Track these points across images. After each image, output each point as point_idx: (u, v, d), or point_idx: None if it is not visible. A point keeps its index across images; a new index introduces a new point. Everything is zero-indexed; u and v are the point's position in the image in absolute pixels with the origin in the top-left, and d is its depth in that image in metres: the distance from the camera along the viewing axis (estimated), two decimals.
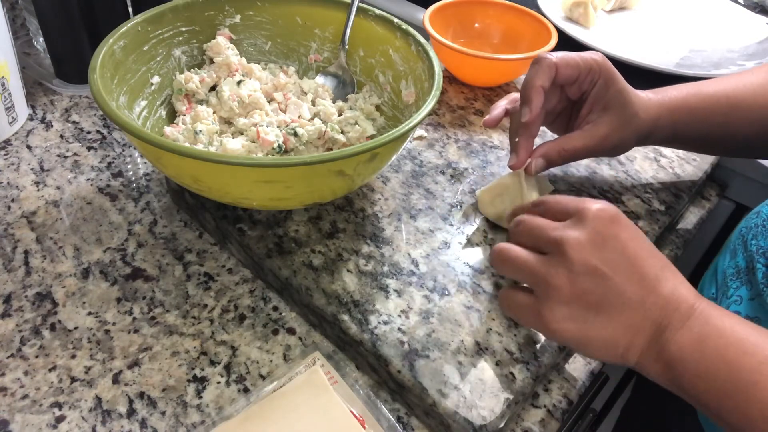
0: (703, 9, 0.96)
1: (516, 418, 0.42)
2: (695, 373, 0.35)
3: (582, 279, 0.36)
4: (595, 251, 0.37)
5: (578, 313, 0.37)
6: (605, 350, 0.37)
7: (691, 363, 0.35)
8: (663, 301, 0.36)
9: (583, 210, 0.38)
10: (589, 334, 0.37)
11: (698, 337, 0.35)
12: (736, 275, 0.51)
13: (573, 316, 0.37)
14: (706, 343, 0.35)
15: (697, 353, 0.35)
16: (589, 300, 0.37)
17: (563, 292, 0.37)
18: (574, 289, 0.37)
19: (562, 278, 0.37)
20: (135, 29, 0.51)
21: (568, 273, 0.37)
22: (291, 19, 0.60)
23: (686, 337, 0.35)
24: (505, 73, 0.69)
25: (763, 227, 0.50)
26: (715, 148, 0.57)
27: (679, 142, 0.56)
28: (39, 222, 0.52)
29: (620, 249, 0.37)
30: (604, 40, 0.82)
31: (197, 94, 0.55)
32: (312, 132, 0.51)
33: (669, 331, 0.36)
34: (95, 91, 0.43)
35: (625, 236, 0.37)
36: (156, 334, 0.45)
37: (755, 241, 0.50)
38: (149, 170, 0.58)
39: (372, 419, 0.40)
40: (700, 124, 0.53)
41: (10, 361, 0.42)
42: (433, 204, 0.53)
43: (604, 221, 0.38)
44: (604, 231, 0.37)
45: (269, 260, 0.46)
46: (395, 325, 0.43)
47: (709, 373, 0.34)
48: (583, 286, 0.36)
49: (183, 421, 0.40)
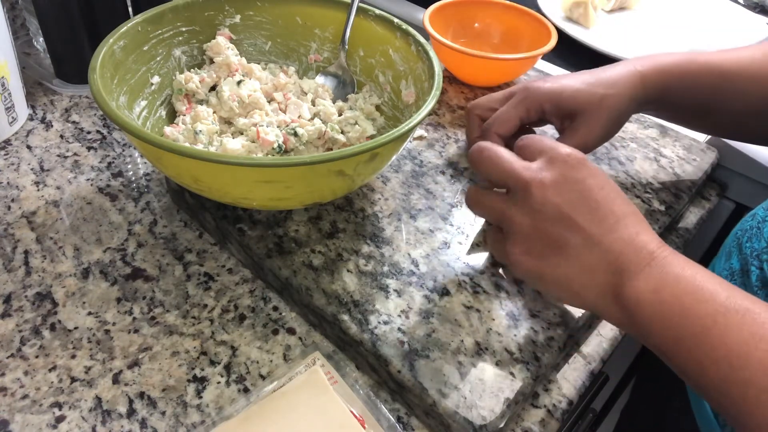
0: (703, 9, 0.96)
1: (516, 418, 0.42)
2: (651, 319, 0.35)
3: (544, 218, 0.38)
4: (560, 192, 0.38)
5: (537, 249, 0.39)
6: (560, 288, 0.39)
7: (647, 308, 0.35)
8: (621, 243, 0.37)
9: (551, 152, 0.39)
10: (546, 270, 0.39)
11: (656, 284, 0.35)
12: (730, 277, 0.51)
13: (532, 252, 0.39)
14: (663, 289, 0.35)
15: (653, 299, 0.35)
16: (550, 238, 0.38)
17: (525, 229, 0.39)
18: (536, 227, 0.38)
19: (525, 217, 0.39)
20: (135, 29, 0.51)
21: (531, 212, 0.38)
22: (291, 19, 0.60)
23: (643, 282, 0.36)
24: (505, 73, 0.69)
25: (758, 229, 0.50)
26: (704, 119, 0.56)
27: (669, 110, 0.56)
28: (39, 222, 0.52)
29: (585, 192, 0.38)
30: (604, 40, 0.82)
31: (197, 94, 0.55)
32: (312, 132, 0.51)
33: (626, 275, 0.36)
34: (95, 91, 0.43)
35: (591, 181, 0.38)
36: (156, 334, 0.45)
37: (749, 244, 0.50)
38: (149, 170, 0.58)
39: (372, 419, 0.40)
40: (690, 91, 0.53)
41: (10, 361, 0.42)
42: (433, 204, 0.53)
43: (571, 164, 0.39)
44: (571, 174, 0.38)
45: (269, 260, 0.46)
46: (395, 325, 0.43)
47: (664, 318, 0.35)
48: (545, 224, 0.38)
49: (183, 421, 0.40)
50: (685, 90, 0.53)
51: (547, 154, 0.39)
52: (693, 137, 0.66)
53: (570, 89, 0.51)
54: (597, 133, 0.51)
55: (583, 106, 0.51)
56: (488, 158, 0.41)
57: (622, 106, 0.51)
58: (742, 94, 0.52)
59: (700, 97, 0.53)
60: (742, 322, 0.33)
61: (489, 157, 0.41)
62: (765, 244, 0.48)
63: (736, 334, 0.33)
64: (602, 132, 0.51)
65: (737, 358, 0.32)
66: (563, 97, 0.51)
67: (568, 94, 0.51)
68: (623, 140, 0.64)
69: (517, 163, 0.40)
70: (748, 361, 0.32)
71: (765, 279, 0.47)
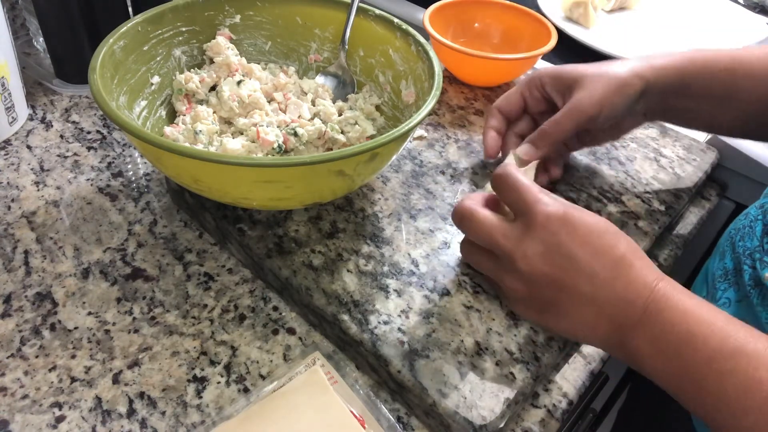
0: (703, 9, 0.96)
1: (516, 418, 0.42)
2: (654, 368, 0.36)
3: (535, 285, 0.39)
4: (545, 260, 0.38)
5: (536, 306, 0.40)
6: (566, 335, 0.41)
7: (648, 360, 0.36)
8: (615, 296, 0.37)
9: (532, 215, 0.39)
10: (549, 323, 0.40)
11: (652, 335, 0.36)
12: (724, 277, 0.51)
13: (531, 307, 0.41)
14: (659, 340, 0.36)
15: (652, 351, 0.36)
16: (545, 300, 0.39)
17: (519, 294, 0.40)
18: (529, 291, 0.40)
19: (516, 283, 0.40)
20: (135, 29, 0.51)
21: (521, 278, 0.39)
22: (291, 19, 0.60)
23: (641, 336, 0.36)
24: (505, 73, 0.69)
25: (750, 228, 0.50)
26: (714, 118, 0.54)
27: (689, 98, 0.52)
28: (39, 222, 0.52)
29: (570, 253, 0.38)
30: (604, 40, 0.82)
31: (197, 94, 0.55)
32: (312, 132, 0.51)
33: (625, 328, 0.37)
34: (95, 91, 0.43)
35: (575, 240, 0.38)
36: (156, 334, 0.45)
37: (742, 243, 0.50)
38: (149, 170, 0.58)
39: (372, 419, 0.40)
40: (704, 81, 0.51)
41: (10, 361, 0.42)
42: (433, 204, 0.53)
43: (553, 228, 0.38)
44: (553, 239, 0.38)
45: (269, 260, 0.46)
46: (395, 325, 0.43)
47: (665, 367, 0.36)
48: (537, 289, 0.39)
49: (183, 421, 0.40)
50: (704, 73, 0.50)
51: (528, 213, 0.39)
52: (693, 137, 0.66)
53: (571, 65, 0.51)
54: (593, 95, 0.48)
55: (582, 75, 0.49)
56: (472, 224, 0.41)
57: (625, 75, 0.49)
58: (754, 85, 0.50)
59: (709, 89, 0.51)
60: (735, 368, 0.33)
61: (473, 223, 0.41)
62: (757, 243, 0.48)
63: (732, 381, 0.33)
64: (599, 95, 0.48)
65: (737, 406, 0.33)
66: (564, 70, 0.51)
67: (568, 68, 0.51)
68: (623, 140, 0.64)
69: (498, 230, 0.40)
70: (749, 407, 0.32)
71: (757, 278, 0.47)
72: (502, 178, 0.42)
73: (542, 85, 0.52)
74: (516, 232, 0.39)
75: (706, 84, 0.51)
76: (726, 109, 0.52)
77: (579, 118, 0.48)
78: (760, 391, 0.32)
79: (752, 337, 0.34)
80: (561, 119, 0.49)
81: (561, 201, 0.40)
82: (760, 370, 0.32)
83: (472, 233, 0.42)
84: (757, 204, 0.51)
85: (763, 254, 0.47)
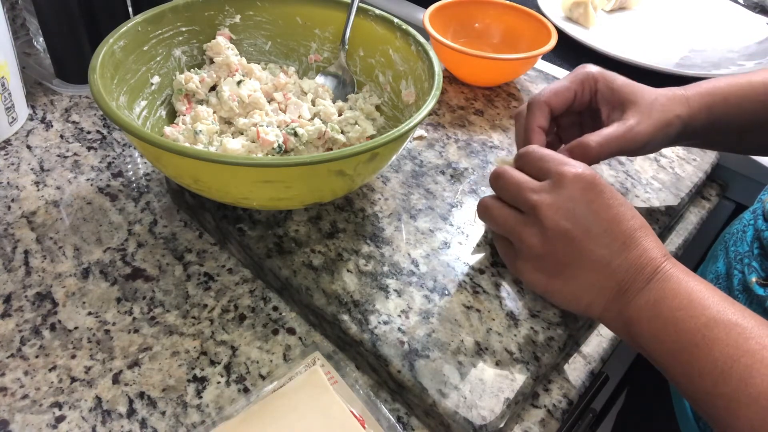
0: (703, 9, 0.96)
1: (516, 418, 0.42)
2: (649, 333, 0.37)
3: (553, 240, 0.39)
4: (568, 216, 0.39)
5: (547, 267, 0.40)
6: (568, 303, 0.41)
7: (645, 323, 0.37)
8: (628, 264, 0.38)
9: (561, 174, 0.40)
10: (555, 287, 0.41)
11: (654, 299, 0.37)
12: (716, 281, 0.51)
13: (542, 269, 0.41)
14: (660, 304, 0.36)
15: (651, 314, 0.37)
16: (559, 259, 0.40)
17: (535, 250, 0.40)
18: (546, 248, 0.40)
19: (535, 238, 0.40)
20: (135, 29, 0.51)
21: (541, 234, 0.40)
22: (291, 19, 0.60)
23: (644, 298, 0.37)
24: (505, 73, 0.69)
25: (743, 233, 0.50)
26: (738, 146, 0.54)
27: (715, 133, 0.51)
28: (39, 222, 0.52)
29: (593, 214, 0.39)
30: (604, 40, 0.82)
31: (197, 94, 0.55)
32: (312, 132, 0.51)
33: (630, 293, 0.38)
34: (95, 91, 0.43)
35: (599, 202, 0.39)
36: (156, 334, 0.45)
37: (734, 247, 0.50)
38: (149, 170, 0.58)
39: (372, 419, 0.40)
40: (734, 109, 0.49)
41: (10, 361, 0.42)
42: (433, 204, 0.53)
43: (580, 187, 0.39)
44: (580, 197, 0.39)
45: (269, 260, 0.46)
46: (395, 325, 0.43)
47: (659, 333, 0.36)
48: (554, 246, 0.40)
49: (183, 421, 0.40)
50: (730, 108, 0.49)
51: (557, 172, 0.40)
52: None
53: (624, 78, 0.49)
54: (646, 129, 0.46)
55: (636, 97, 0.47)
56: (502, 181, 0.42)
57: (670, 114, 0.47)
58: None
59: (747, 114, 0.50)
60: (727, 337, 0.34)
61: (503, 179, 0.42)
62: (747, 248, 0.48)
63: (721, 349, 0.34)
64: (651, 129, 0.46)
65: (720, 373, 0.33)
66: (617, 82, 0.48)
67: (622, 81, 0.48)
68: None
69: (527, 184, 0.41)
70: (730, 375, 0.33)
71: (746, 283, 0.47)
72: (528, 151, 0.43)
73: (596, 90, 0.49)
74: (545, 186, 0.40)
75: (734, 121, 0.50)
76: (753, 136, 0.52)
77: (627, 148, 0.46)
78: (744, 359, 0.33)
79: (748, 314, 0.35)
80: (611, 141, 0.45)
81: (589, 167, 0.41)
82: (750, 341, 0.33)
83: (504, 189, 0.43)
84: (752, 208, 0.51)
85: (752, 259, 0.47)
